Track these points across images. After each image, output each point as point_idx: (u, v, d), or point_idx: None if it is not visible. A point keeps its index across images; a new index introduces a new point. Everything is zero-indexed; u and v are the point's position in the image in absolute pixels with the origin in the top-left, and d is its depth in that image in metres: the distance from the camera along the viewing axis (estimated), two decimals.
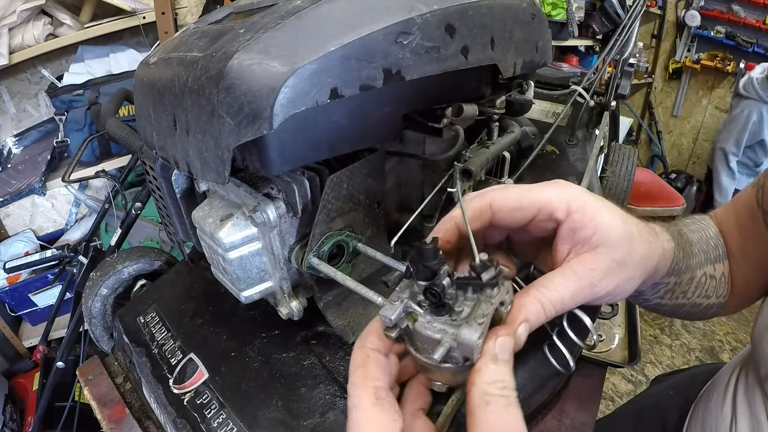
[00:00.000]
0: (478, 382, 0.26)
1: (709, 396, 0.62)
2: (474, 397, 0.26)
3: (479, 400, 0.26)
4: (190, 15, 1.55)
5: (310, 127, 0.35)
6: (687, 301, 0.45)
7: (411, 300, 0.29)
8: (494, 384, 0.26)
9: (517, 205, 0.32)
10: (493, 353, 0.27)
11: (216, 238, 0.40)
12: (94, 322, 0.64)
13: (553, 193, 0.32)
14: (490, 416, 0.25)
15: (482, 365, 0.27)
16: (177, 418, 0.44)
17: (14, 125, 1.59)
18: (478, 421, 0.25)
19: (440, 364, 0.28)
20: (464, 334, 0.26)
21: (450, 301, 0.27)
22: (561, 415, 0.51)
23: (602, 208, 0.32)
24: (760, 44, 2.77)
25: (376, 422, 0.26)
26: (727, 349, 2.21)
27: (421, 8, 0.34)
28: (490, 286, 0.28)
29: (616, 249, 0.32)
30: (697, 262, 0.43)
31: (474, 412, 0.26)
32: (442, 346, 0.27)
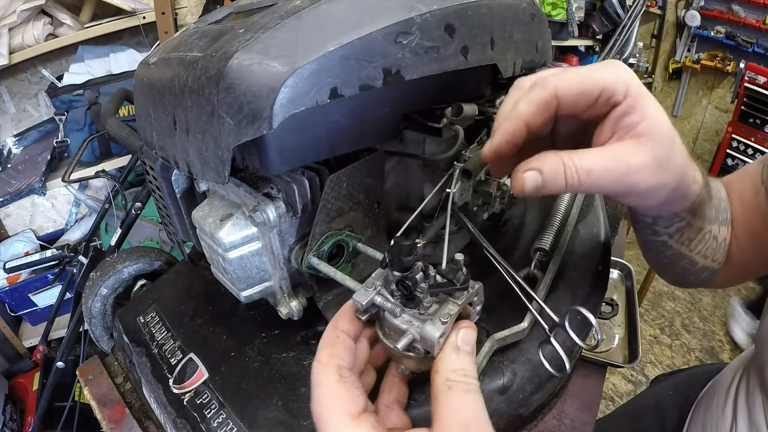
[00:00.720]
0: (442, 370, 0.28)
1: (711, 397, 0.62)
2: (437, 383, 0.28)
3: (442, 386, 0.27)
4: (190, 15, 1.55)
5: (310, 127, 0.35)
6: (689, 252, 0.44)
7: (384, 288, 0.31)
8: (456, 371, 0.28)
9: (581, 90, 0.30)
10: (455, 344, 0.29)
11: (216, 238, 0.40)
12: (94, 322, 0.64)
13: (612, 74, 0.30)
14: (453, 400, 0.27)
15: (445, 355, 0.29)
16: (177, 418, 0.44)
17: (14, 125, 1.59)
18: (440, 405, 0.27)
19: (404, 353, 0.30)
20: (427, 330, 0.28)
21: (420, 295, 0.29)
22: (561, 415, 0.51)
23: (653, 100, 0.31)
24: (760, 44, 2.77)
25: (339, 399, 0.27)
26: (727, 349, 2.21)
27: (421, 8, 0.34)
28: (459, 290, 0.30)
29: (658, 145, 0.30)
30: (709, 216, 0.42)
31: (437, 397, 0.27)
32: (406, 337, 0.29)
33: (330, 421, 0.27)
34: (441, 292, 0.30)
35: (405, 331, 0.29)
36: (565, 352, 0.35)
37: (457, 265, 0.30)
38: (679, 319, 2.38)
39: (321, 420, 0.27)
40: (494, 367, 0.41)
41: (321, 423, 0.27)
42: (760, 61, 2.71)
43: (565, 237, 0.50)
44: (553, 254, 0.48)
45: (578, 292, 0.47)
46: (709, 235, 0.43)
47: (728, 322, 2.27)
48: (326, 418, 0.27)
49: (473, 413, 0.26)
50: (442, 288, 0.29)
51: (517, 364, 0.41)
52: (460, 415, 0.26)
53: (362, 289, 0.31)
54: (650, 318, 2.37)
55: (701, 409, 0.64)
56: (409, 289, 0.29)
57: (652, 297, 2.50)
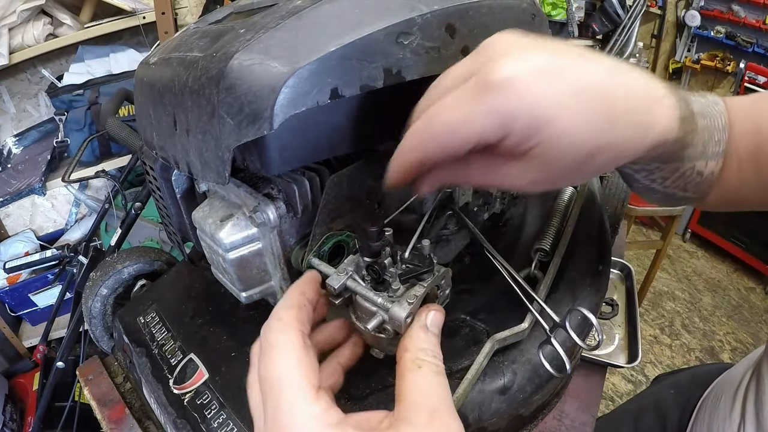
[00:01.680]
0: (411, 348, 0.28)
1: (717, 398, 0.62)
2: (406, 361, 0.27)
3: (411, 364, 0.26)
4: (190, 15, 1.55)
5: (311, 127, 0.35)
6: (663, 188, 0.39)
7: (356, 273, 0.33)
8: (425, 351, 0.27)
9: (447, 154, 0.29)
10: (424, 324, 0.29)
11: (216, 239, 0.40)
12: (94, 322, 0.64)
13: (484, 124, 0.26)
14: (421, 379, 0.26)
15: (413, 332, 0.28)
16: (177, 419, 0.44)
17: (14, 125, 1.59)
18: (408, 383, 0.26)
19: (374, 334, 0.31)
20: (395, 310, 0.30)
21: (389, 279, 0.31)
22: (561, 416, 0.51)
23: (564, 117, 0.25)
24: (760, 44, 2.76)
25: (303, 365, 0.25)
26: (727, 349, 2.21)
27: (422, 8, 0.34)
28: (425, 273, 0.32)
29: (556, 165, 0.27)
30: (690, 154, 0.36)
31: (405, 374, 0.26)
32: (375, 318, 0.31)
33: (290, 387, 0.24)
34: (409, 276, 0.31)
35: (375, 312, 0.31)
36: (566, 353, 0.35)
37: (420, 251, 0.32)
38: (679, 319, 2.38)
39: (277, 385, 0.24)
40: (494, 367, 0.41)
41: (276, 388, 0.24)
42: (760, 61, 2.71)
43: (566, 237, 0.50)
44: (554, 254, 0.48)
45: (578, 292, 0.47)
46: (690, 172, 0.38)
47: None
48: (285, 384, 0.24)
49: (442, 397, 0.25)
50: (410, 272, 0.31)
51: (518, 365, 0.41)
52: (430, 396, 0.25)
53: (335, 274, 0.33)
54: (650, 318, 2.37)
55: (707, 410, 0.64)
56: (379, 273, 0.31)
57: (652, 297, 2.50)
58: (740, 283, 2.66)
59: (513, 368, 0.41)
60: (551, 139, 0.25)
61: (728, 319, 2.39)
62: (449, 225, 0.47)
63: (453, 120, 0.26)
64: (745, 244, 2.61)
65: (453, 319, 0.45)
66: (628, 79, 0.27)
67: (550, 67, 0.25)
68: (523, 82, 0.24)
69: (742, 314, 2.43)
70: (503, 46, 0.26)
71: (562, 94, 0.25)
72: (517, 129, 0.25)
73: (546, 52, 0.26)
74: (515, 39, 0.27)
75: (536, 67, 0.25)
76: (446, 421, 0.24)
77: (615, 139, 0.27)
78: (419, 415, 0.24)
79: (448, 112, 0.26)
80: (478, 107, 0.25)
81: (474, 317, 0.45)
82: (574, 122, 0.25)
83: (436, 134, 0.27)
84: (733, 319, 2.39)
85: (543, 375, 0.41)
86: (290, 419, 0.23)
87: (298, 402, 0.23)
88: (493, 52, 0.26)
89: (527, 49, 0.26)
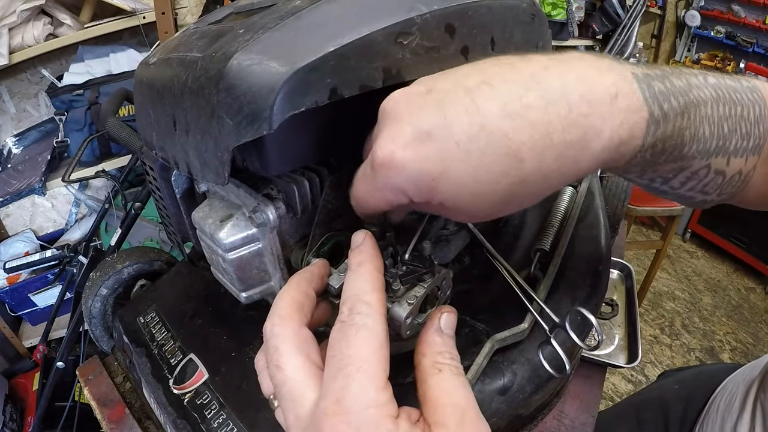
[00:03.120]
0: (429, 353, 0.27)
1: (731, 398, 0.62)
2: (426, 366, 0.27)
3: (432, 368, 0.26)
4: (190, 15, 1.55)
5: (310, 127, 0.35)
6: (669, 189, 0.33)
7: None
8: (443, 354, 0.27)
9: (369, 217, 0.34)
10: (437, 327, 0.29)
11: (216, 239, 0.40)
12: (94, 322, 0.64)
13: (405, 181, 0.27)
14: (445, 383, 0.26)
15: (429, 337, 0.28)
16: (177, 419, 0.44)
17: (14, 125, 1.59)
18: (432, 388, 0.26)
19: None
20: (395, 310, 0.30)
21: (390, 280, 0.31)
22: (561, 416, 0.51)
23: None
24: (760, 44, 2.76)
25: (385, 353, 0.25)
26: (727, 349, 2.21)
27: (421, 8, 0.34)
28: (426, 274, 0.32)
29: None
30: (698, 149, 0.30)
31: (427, 380, 0.26)
32: None
33: (366, 370, 0.23)
34: (410, 277, 0.31)
35: None
36: (566, 353, 0.35)
37: (420, 252, 0.32)
38: (679, 319, 2.38)
39: (354, 365, 0.23)
40: (494, 367, 0.41)
41: (352, 368, 0.23)
42: (760, 61, 2.71)
43: (565, 237, 0.50)
44: (554, 255, 0.48)
45: (578, 292, 0.47)
46: (705, 171, 0.32)
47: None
48: (363, 366, 0.23)
49: (467, 398, 0.25)
50: (411, 273, 0.31)
51: (518, 365, 0.41)
52: (455, 398, 0.25)
53: (336, 274, 0.33)
54: (650, 318, 2.37)
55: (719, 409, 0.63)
56: None
57: (652, 297, 2.50)
58: (740, 283, 2.66)
59: (513, 368, 0.41)
60: (450, 195, 0.25)
61: (728, 319, 2.39)
62: (449, 225, 0.47)
63: (360, 197, 0.30)
64: (745, 244, 2.61)
65: None
66: (549, 90, 0.24)
67: (429, 128, 0.24)
68: (399, 158, 0.25)
69: (742, 314, 2.43)
70: (392, 107, 0.27)
71: (442, 155, 0.24)
72: (413, 195, 0.26)
73: (430, 109, 0.25)
74: (409, 92, 0.27)
75: (412, 136, 0.25)
76: (475, 423, 0.25)
77: (526, 175, 0.25)
78: (449, 419, 0.24)
79: (355, 189, 0.30)
80: (372, 187, 0.28)
81: (474, 317, 0.45)
82: (464, 178, 0.24)
83: (356, 204, 0.31)
84: (733, 319, 2.39)
85: (543, 375, 0.41)
86: (356, 402, 0.23)
87: (370, 387, 0.23)
88: (382, 124, 0.27)
89: (412, 107, 0.25)
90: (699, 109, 0.28)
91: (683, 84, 0.28)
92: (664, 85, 0.27)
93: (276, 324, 0.27)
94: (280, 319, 0.27)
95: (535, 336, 0.42)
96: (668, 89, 0.27)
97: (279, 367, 0.26)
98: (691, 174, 0.31)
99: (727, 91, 0.30)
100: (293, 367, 0.26)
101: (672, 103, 0.27)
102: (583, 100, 0.24)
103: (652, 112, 0.26)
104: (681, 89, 0.28)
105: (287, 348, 0.26)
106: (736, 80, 0.31)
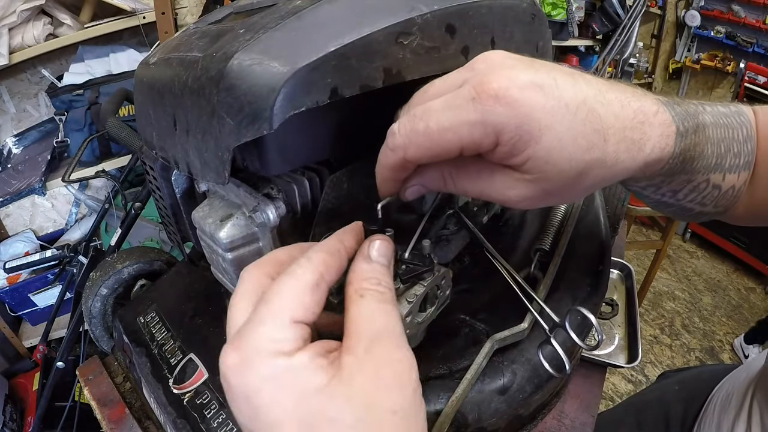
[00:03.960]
0: (353, 280, 0.27)
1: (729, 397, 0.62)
2: (349, 293, 0.26)
3: (354, 294, 0.26)
4: (190, 15, 1.55)
5: (311, 127, 0.35)
6: (675, 201, 0.37)
7: None
8: (368, 280, 0.26)
9: (433, 154, 0.29)
10: (366, 254, 0.28)
11: (216, 239, 0.40)
12: (94, 322, 0.64)
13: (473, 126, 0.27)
14: (364, 309, 0.25)
15: (356, 264, 0.27)
16: (177, 418, 0.44)
17: (14, 125, 1.59)
18: (349, 314, 0.25)
19: None
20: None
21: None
22: (561, 416, 0.51)
23: (547, 131, 0.26)
24: (760, 44, 2.77)
25: (301, 300, 0.24)
26: (726, 349, 2.21)
27: (422, 8, 0.34)
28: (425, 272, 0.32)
29: (546, 183, 0.28)
30: (702, 165, 0.34)
31: (348, 307, 0.26)
32: None
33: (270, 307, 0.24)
34: (409, 276, 0.31)
35: None
36: (565, 353, 0.35)
37: (420, 251, 0.33)
38: (679, 319, 2.38)
39: (262, 301, 0.24)
40: (494, 367, 0.41)
41: (260, 305, 0.24)
42: (760, 61, 2.71)
43: (565, 237, 0.50)
44: (554, 254, 0.48)
45: (578, 292, 0.47)
46: (705, 185, 0.37)
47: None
48: (269, 304, 0.24)
49: (386, 324, 0.25)
50: (411, 272, 0.31)
51: (517, 365, 0.41)
52: (372, 324, 0.24)
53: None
54: (650, 318, 2.37)
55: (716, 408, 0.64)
56: None
57: (652, 297, 2.51)
58: (740, 283, 2.66)
59: (512, 368, 0.41)
60: (542, 153, 0.26)
61: (728, 319, 2.39)
62: (449, 225, 0.47)
63: (439, 124, 0.26)
64: (745, 244, 2.62)
65: (453, 319, 0.45)
66: (618, 97, 0.28)
67: (543, 83, 0.25)
68: (515, 95, 0.25)
69: (742, 314, 2.43)
70: (499, 59, 0.27)
71: (553, 110, 0.25)
72: (506, 140, 0.25)
73: (540, 70, 0.26)
74: (510, 55, 0.28)
75: (530, 82, 0.25)
76: (388, 349, 0.24)
77: (606, 156, 0.27)
78: (359, 344, 0.23)
79: (436, 115, 0.26)
80: (466, 115, 0.25)
81: (474, 317, 0.45)
82: (565, 138, 0.26)
83: (420, 135, 0.27)
84: (733, 319, 2.39)
85: (542, 375, 0.41)
86: (252, 334, 0.23)
87: (268, 320, 0.23)
88: (489, 64, 0.27)
89: (522, 64, 0.27)
90: (704, 130, 0.33)
91: (692, 109, 0.33)
92: (681, 108, 0.32)
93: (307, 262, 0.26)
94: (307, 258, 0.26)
95: (535, 336, 0.42)
96: (684, 111, 0.32)
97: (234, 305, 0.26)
98: (694, 187, 0.36)
99: (720, 117, 0.35)
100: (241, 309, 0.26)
101: (688, 123, 0.31)
102: (640, 110, 0.29)
103: (678, 128, 0.30)
104: (690, 113, 0.32)
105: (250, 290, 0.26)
106: (726, 106, 0.36)
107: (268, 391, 0.22)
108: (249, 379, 0.22)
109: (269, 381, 0.22)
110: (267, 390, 0.22)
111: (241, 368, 0.22)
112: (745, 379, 0.61)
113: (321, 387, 0.22)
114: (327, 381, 0.22)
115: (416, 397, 0.24)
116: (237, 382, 0.23)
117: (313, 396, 0.22)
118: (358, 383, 0.22)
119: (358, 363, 0.23)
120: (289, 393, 0.22)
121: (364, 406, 0.22)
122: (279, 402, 0.22)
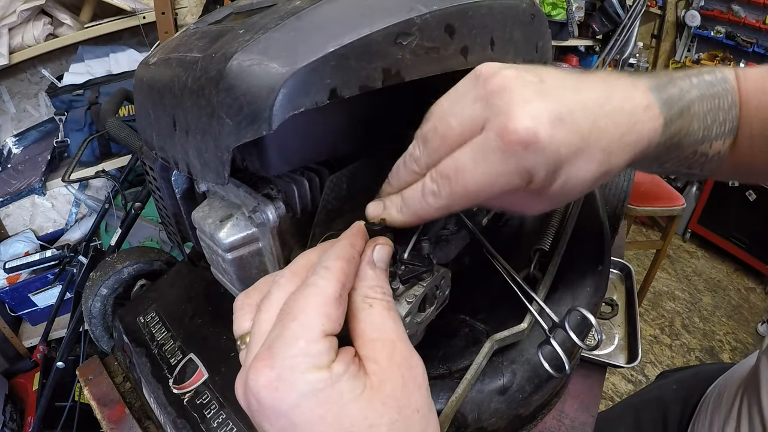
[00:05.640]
0: (359, 287, 0.27)
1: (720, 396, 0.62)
2: (355, 300, 0.27)
3: (362, 303, 0.27)
4: (190, 15, 1.55)
5: (310, 127, 0.35)
6: (662, 170, 0.39)
7: None
8: (374, 289, 0.27)
9: (477, 202, 0.31)
10: (370, 260, 0.29)
11: (216, 239, 0.40)
12: (94, 322, 0.64)
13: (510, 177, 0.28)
14: (375, 318, 0.26)
15: (361, 271, 0.28)
16: (177, 419, 0.44)
17: (14, 125, 1.59)
18: (361, 323, 0.26)
19: None
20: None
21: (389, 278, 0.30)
22: (561, 416, 0.51)
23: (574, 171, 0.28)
24: (760, 44, 2.76)
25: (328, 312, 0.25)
26: (727, 349, 2.21)
27: (421, 9, 0.34)
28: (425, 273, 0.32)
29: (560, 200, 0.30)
30: (689, 142, 0.35)
31: (357, 314, 0.27)
32: None
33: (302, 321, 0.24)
34: (409, 277, 0.32)
35: None
36: (565, 353, 0.35)
37: (419, 251, 0.33)
38: (679, 319, 2.38)
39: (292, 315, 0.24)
40: (494, 367, 0.41)
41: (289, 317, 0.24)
42: (759, 61, 2.71)
43: (565, 237, 0.50)
44: (553, 254, 0.48)
45: (578, 292, 0.47)
46: (692, 155, 0.38)
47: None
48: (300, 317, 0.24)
49: (397, 332, 0.26)
50: (410, 272, 0.32)
51: (517, 365, 0.41)
52: (385, 332, 0.26)
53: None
54: (650, 318, 2.37)
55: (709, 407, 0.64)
56: None
57: (652, 297, 2.51)
58: (740, 283, 2.66)
59: (512, 368, 0.41)
60: (568, 179, 0.28)
61: (728, 319, 2.39)
62: (449, 225, 0.47)
63: (477, 184, 0.27)
64: (745, 244, 2.61)
65: (453, 319, 0.45)
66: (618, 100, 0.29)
67: (562, 115, 0.26)
68: (543, 139, 0.25)
69: (742, 314, 2.43)
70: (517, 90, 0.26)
71: (574, 144, 0.26)
72: (539, 179, 0.27)
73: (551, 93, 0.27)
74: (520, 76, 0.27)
75: (552, 118, 0.26)
76: (405, 355, 0.26)
77: (611, 168, 0.29)
78: (381, 353, 0.25)
79: (471, 175, 0.27)
80: (501, 168, 0.26)
81: (473, 317, 0.45)
82: (583, 166, 0.28)
83: (460, 196, 0.28)
84: (733, 319, 2.39)
85: (542, 375, 0.41)
86: (286, 351, 0.23)
87: (301, 336, 0.24)
88: (507, 100, 0.26)
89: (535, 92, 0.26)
90: (689, 110, 0.34)
91: (677, 91, 0.33)
92: (671, 90, 0.32)
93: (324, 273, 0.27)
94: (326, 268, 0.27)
95: (535, 336, 0.42)
96: (672, 94, 0.32)
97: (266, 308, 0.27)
98: (681, 159, 0.37)
99: (707, 87, 0.35)
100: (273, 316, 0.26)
101: (675, 108, 0.32)
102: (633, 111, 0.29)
103: (665, 118, 0.31)
104: (678, 94, 0.33)
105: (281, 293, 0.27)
106: (711, 73, 0.36)
107: (308, 407, 0.23)
108: (286, 396, 0.23)
109: (308, 397, 0.23)
110: (306, 405, 0.23)
111: (277, 385, 0.23)
112: (737, 378, 0.61)
113: (358, 395, 0.23)
114: (362, 389, 0.24)
115: (429, 395, 0.26)
116: (272, 399, 0.23)
117: (352, 404, 0.23)
118: (389, 389, 0.24)
119: (384, 370, 0.24)
120: (329, 405, 0.23)
121: (397, 409, 0.24)
122: (320, 416, 0.23)
